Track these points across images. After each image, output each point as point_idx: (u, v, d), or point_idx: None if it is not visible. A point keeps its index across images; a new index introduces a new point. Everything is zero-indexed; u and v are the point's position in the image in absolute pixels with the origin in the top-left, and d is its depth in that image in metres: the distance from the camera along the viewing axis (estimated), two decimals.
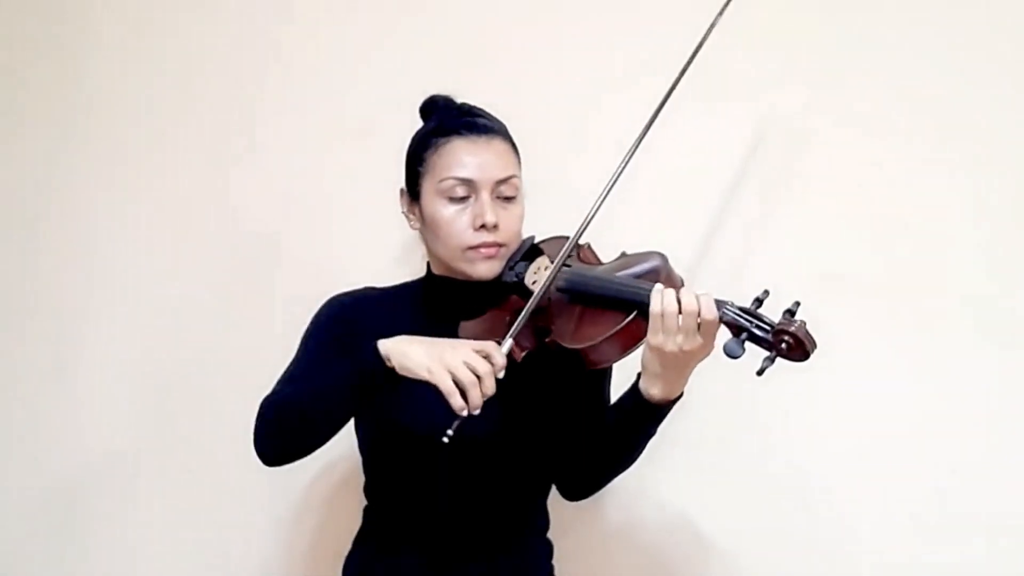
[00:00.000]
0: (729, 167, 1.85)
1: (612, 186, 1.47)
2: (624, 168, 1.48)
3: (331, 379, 1.44)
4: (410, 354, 1.37)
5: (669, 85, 1.52)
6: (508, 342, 1.39)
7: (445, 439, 1.33)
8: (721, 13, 1.57)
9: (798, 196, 1.84)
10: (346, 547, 1.65)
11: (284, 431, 1.47)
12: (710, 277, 1.81)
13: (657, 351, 1.35)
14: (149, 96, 2.22)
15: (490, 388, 1.34)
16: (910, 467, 1.78)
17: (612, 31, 1.93)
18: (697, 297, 1.32)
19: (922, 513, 1.78)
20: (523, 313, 1.40)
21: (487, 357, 1.35)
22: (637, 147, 1.49)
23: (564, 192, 1.72)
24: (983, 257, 1.76)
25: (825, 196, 1.82)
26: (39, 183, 2.30)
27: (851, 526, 1.81)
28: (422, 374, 1.35)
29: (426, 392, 1.34)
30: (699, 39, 1.55)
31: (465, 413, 1.33)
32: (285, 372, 1.56)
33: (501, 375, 1.36)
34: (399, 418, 1.51)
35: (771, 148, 1.84)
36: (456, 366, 1.34)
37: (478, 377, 1.33)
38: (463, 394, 1.33)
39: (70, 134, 2.28)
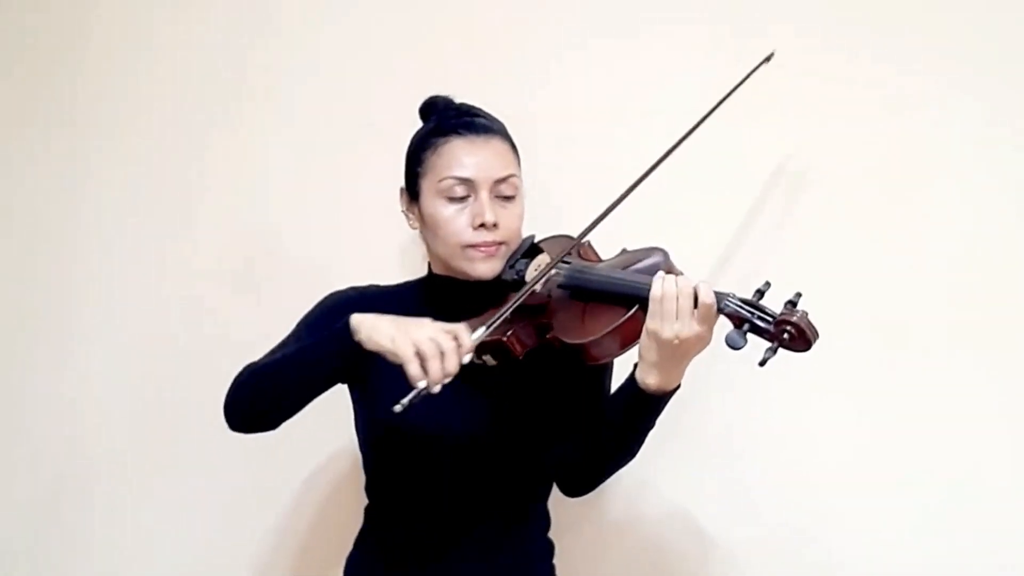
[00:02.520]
0: (731, 165, 1.86)
1: (626, 196, 1.48)
2: (643, 180, 1.49)
3: (303, 348, 1.47)
4: (378, 326, 1.37)
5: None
6: (480, 330, 1.37)
7: (396, 408, 1.29)
8: (749, 75, 1.60)
9: (799, 194, 1.84)
10: (346, 547, 1.64)
11: (254, 397, 1.49)
12: (711, 273, 1.82)
13: (654, 337, 1.34)
14: (149, 95, 2.23)
15: (452, 367, 1.32)
16: (908, 463, 1.78)
17: (614, 30, 1.93)
18: (697, 283, 1.33)
19: (917, 506, 1.78)
20: (510, 304, 1.40)
21: (455, 337, 1.34)
22: (660, 163, 1.50)
23: (565, 192, 1.72)
24: (983, 259, 1.76)
25: (828, 194, 1.83)
26: (37, 180, 2.30)
27: (849, 519, 1.81)
28: (385, 343, 1.34)
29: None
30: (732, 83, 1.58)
31: (422, 385, 1.31)
32: (274, 347, 1.58)
33: (467, 359, 1.34)
34: (389, 419, 1.49)
35: (774, 147, 1.85)
36: (421, 339, 1.32)
37: (442, 353, 1.32)
38: (424, 369, 1.31)
39: (69, 132, 2.28)
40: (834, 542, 1.81)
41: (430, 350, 1.32)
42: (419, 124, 1.62)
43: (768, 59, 1.65)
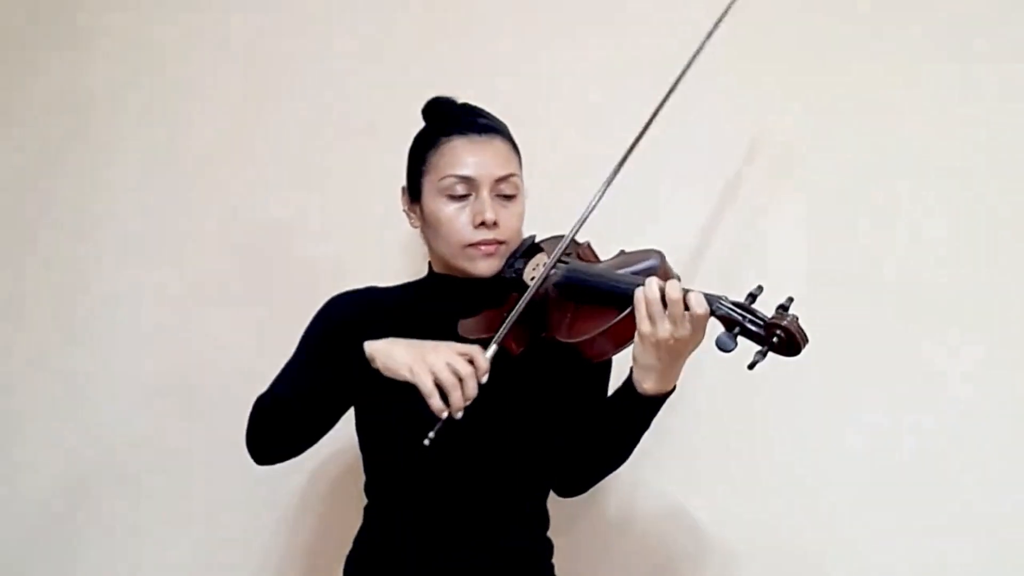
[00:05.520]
0: (726, 166, 1.86)
1: (608, 186, 1.49)
2: (621, 167, 1.50)
3: (318, 380, 1.46)
4: (394, 354, 1.38)
5: (669, 85, 1.54)
6: (492, 348, 1.39)
7: (426, 442, 1.33)
8: (722, 18, 1.59)
9: (794, 196, 1.84)
10: (346, 547, 1.64)
11: (272, 431, 1.50)
12: (706, 275, 1.83)
13: (646, 340, 1.35)
14: (152, 93, 2.25)
15: (472, 391, 1.35)
16: (904, 462, 1.78)
17: (613, 29, 1.94)
18: (685, 291, 1.33)
19: (913, 504, 1.77)
20: (514, 311, 1.41)
21: (471, 360, 1.36)
22: (635, 147, 1.51)
23: (566, 192, 1.72)
24: (979, 258, 1.75)
25: (822, 195, 1.83)
26: (41, 177, 2.32)
27: (845, 515, 1.80)
28: (404, 374, 1.36)
29: (414, 392, 1.35)
30: (700, 41, 1.56)
31: (445, 415, 1.34)
32: (282, 370, 1.58)
33: (484, 379, 1.36)
34: (389, 419, 1.51)
35: (767, 147, 1.85)
36: (439, 368, 1.34)
37: (460, 380, 1.34)
38: (445, 398, 1.34)
39: (76, 129, 2.30)
40: (829, 540, 1.81)
41: (449, 380, 1.34)
42: (422, 125, 1.63)
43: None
